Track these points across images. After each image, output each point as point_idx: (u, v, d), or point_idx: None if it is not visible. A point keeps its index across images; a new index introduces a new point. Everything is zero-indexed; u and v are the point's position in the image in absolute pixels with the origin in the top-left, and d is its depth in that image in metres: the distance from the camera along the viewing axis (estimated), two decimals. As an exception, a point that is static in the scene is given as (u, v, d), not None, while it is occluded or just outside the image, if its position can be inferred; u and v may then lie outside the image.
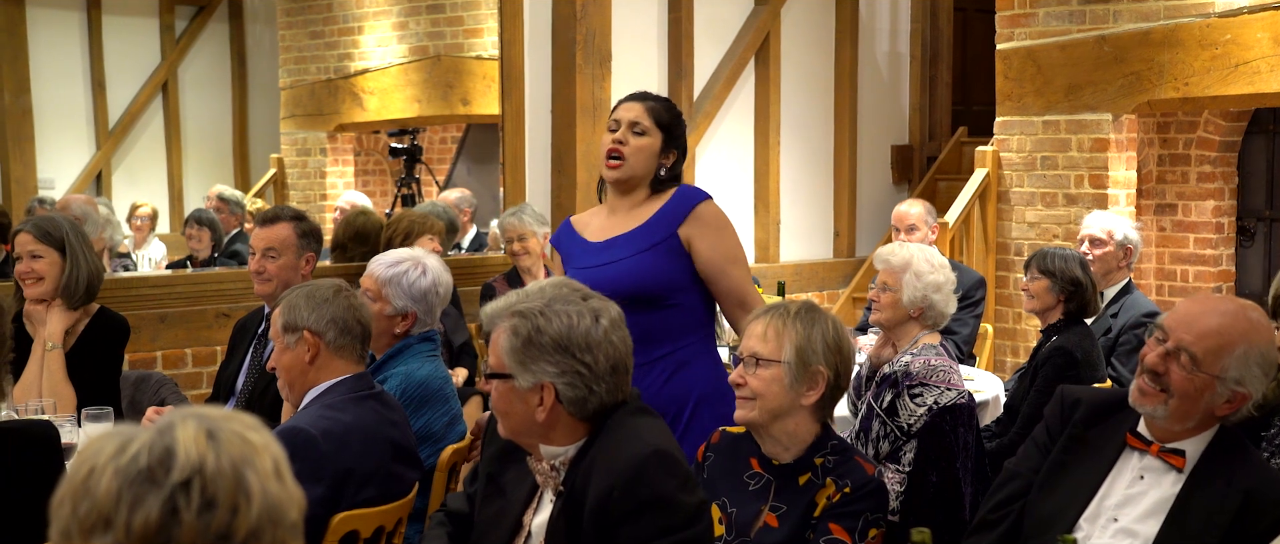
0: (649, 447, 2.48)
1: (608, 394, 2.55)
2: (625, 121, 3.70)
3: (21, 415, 3.69)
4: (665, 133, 3.71)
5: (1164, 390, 2.85)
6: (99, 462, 1.38)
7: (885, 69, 9.12)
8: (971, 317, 6.07)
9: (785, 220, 8.31)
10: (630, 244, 3.65)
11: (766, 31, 8.05)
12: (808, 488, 2.98)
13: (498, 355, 2.57)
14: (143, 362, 5.64)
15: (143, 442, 1.39)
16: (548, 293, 2.59)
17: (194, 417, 1.43)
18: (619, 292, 3.17)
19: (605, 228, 3.75)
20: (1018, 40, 7.76)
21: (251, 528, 1.38)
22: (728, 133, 7.98)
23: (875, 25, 9.00)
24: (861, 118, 8.81)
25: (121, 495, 1.36)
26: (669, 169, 3.74)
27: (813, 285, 8.41)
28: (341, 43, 9.84)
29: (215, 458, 1.39)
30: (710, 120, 7.79)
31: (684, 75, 7.56)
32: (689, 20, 7.58)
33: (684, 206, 3.66)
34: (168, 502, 1.36)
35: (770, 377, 3.00)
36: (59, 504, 1.40)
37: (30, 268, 4.23)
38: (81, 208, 7.38)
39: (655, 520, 2.42)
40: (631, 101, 3.75)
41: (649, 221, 3.67)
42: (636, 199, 3.73)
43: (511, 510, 2.68)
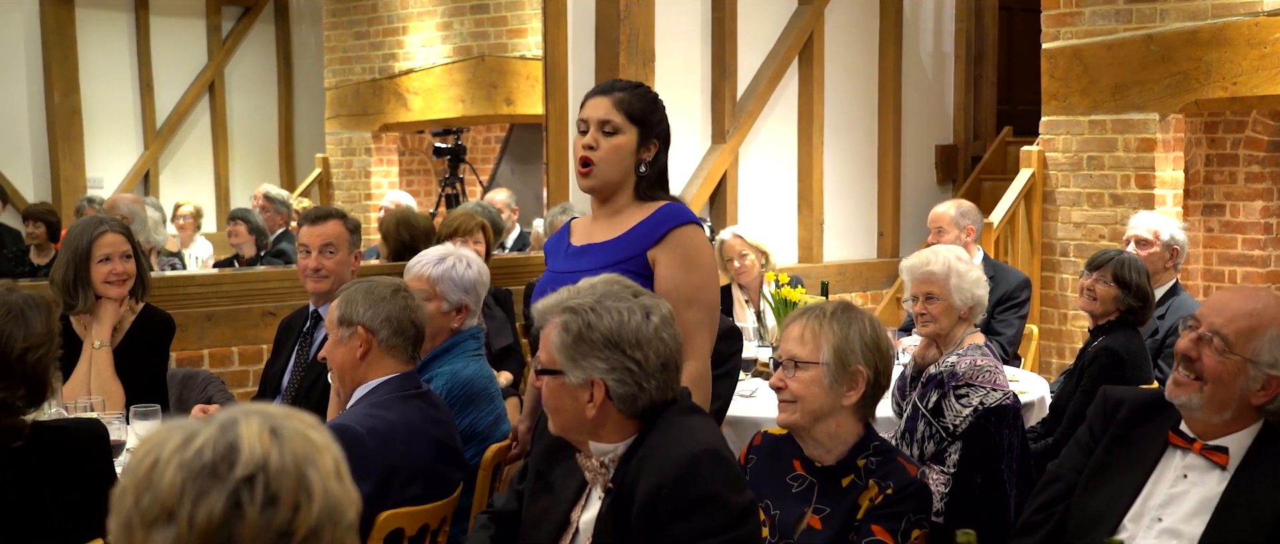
0: (699, 445, 2.48)
1: (657, 391, 2.56)
2: (594, 121, 3.40)
3: (71, 413, 3.73)
4: (640, 125, 3.40)
5: (1198, 378, 2.84)
6: (163, 455, 1.39)
7: (929, 68, 9.09)
8: (1016, 318, 6.04)
9: (828, 220, 8.29)
10: (599, 256, 3.41)
11: (810, 31, 8.03)
12: (851, 490, 2.97)
13: (548, 351, 2.58)
14: (190, 360, 5.69)
15: (207, 436, 1.40)
16: (599, 289, 2.59)
17: (257, 413, 1.44)
18: None
19: (588, 233, 3.52)
20: (1063, 39, 7.71)
21: (312, 526, 1.39)
22: (771, 133, 7.97)
23: (919, 24, 8.96)
24: (905, 117, 8.78)
25: (185, 489, 1.37)
26: (650, 163, 3.43)
27: (856, 286, 8.39)
28: (386, 43, 9.89)
29: (279, 455, 1.39)
30: (753, 120, 7.78)
31: (727, 75, 7.55)
32: (732, 20, 7.57)
33: (660, 228, 3.36)
34: (231, 497, 1.36)
35: (810, 379, 2.99)
36: (120, 496, 1.41)
37: (124, 269, 4.27)
38: (129, 207, 7.46)
39: (704, 519, 2.42)
40: (598, 96, 3.43)
41: (624, 235, 3.41)
42: (619, 204, 3.45)
43: (559, 507, 2.69)
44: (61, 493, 2.83)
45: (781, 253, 6.93)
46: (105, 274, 4.26)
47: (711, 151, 7.58)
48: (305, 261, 4.53)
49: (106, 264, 4.26)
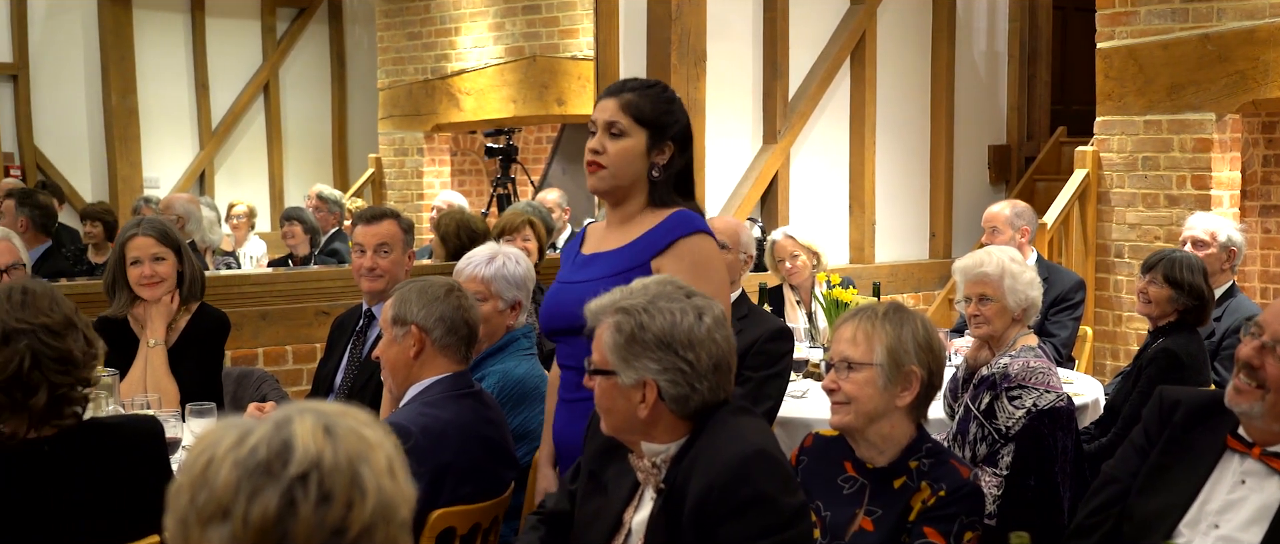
0: (751, 446, 2.48)
1: (710, 392, 2.56)
2: (601, 124, 3.22)
3: (128, 411, 3.78)
4: (649, 127, 3.20)
5: (1260, 386, 2.80)
6: (218, 452, 1.40)
7: (983, 68, 9.03)
8: (1071, 319, 5.99)
9: (880, 221, 8.26)
10: (603, 266, 3.24)
11: (862, 31, 8.00)
12: (903, 491, 2.96)
13: (601, 352, 2.58)
14: (244, 358, 5.74)
15: (261, 434, 1.41)
16: (651, 290, 2.59)
17: (311, 411, 1.45)
18: (568, 315, 3.07)
19: (600, 240, 3.34)
20: (1119, 39, 7.65)
21: (365, 524, 1.39)
22: (823, 133, 7.94)
23: (973, 24, 8.91)
24: (958, 117, 8.72)
25: (240, 486, 1.38)
26: (664, 168, 3.23)
27: (908, 287, 8.35)
28: (439, 44, 9.95)
29: (332, 453, 1.40)
30: (805, 120, 7.76)
31: (779, 75, 7.54)
32: (784, 19, 7.55)
33: (666, 237, 3.18)
34: (285, 494, 1.37)
35: (864, 380, 2.98)
36: (176, 493, 1.42)
37: (153, 271, 4.33)
38: (184, 207, 7.53)
39: (756, 520, 2.42)
40: (607, 98, 3.24)
41: (632, 242, 3.23)
42: (631, 210, 3.27)
43: (612, 507, 2.69)
44: (117, 488, 2.86)
45: (833, 253, 6.91)
46: (137, 277, 4.32)
47: (763, 152, 7.56)
48: (360, 261, 4.55)
49: (137, 267, 4.32)
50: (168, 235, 4.39)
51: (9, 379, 2.74)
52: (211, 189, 10.83)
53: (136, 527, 2.89)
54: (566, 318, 3.15)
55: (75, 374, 2.82)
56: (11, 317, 2.78)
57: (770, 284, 6.08)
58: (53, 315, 2.82)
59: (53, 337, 2.79)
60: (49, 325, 2.80)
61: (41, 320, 2.79)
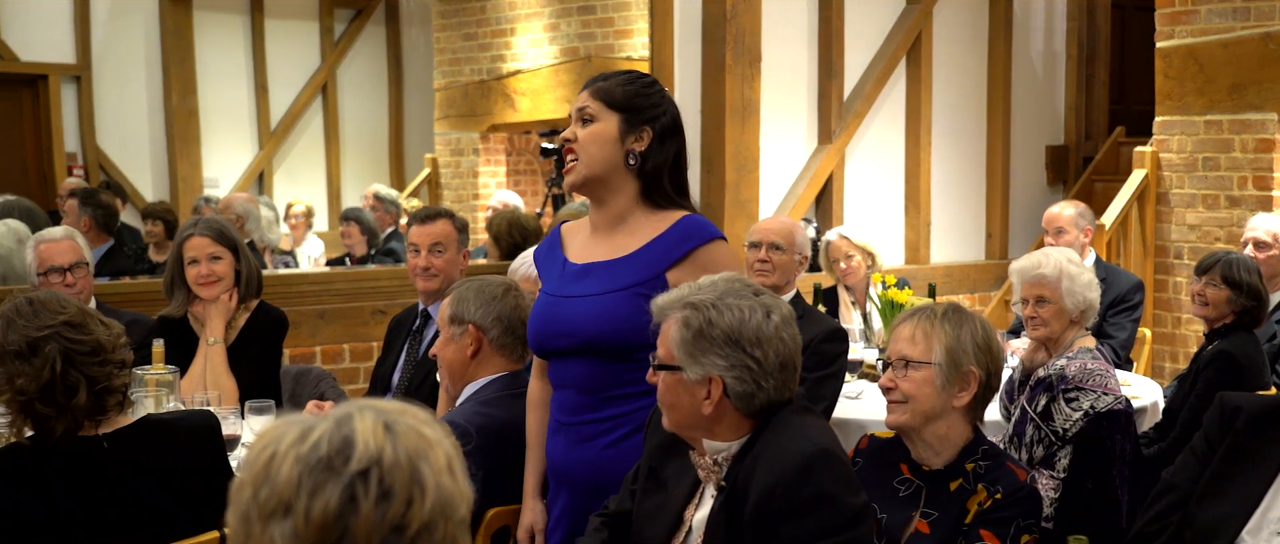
0: (815, 445, 2.47)
1: (775, 391, 2.55)
2: (574, 113, 3.07)
3: (187, 408, 3.82)
4: (622, 111, 3.01)
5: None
6: (280, 448, 1.42)
7: (1040, 68, 8.97)
8: (1129, 321, 5.94)
9: (936, 221, 8.22)
10: (609, 277, 3.02)
11: (918, 31, 7.97)
12: (959, 494, 2.94)
13: (667, 347, 2.58)
14: (302, 356, 5.79)
15: (322, 431, 1.42)
16: (720, 286, 2.59)
17: (371, 409, 1.46)
18: (575, 334, 2.97)
19: (588, 247, 3.11)
20: (1178, 38, 7.57)
21: (424, 521, 1.40)
22: (878, 133, 7.92)
23: (1030, 23, 8.85)
24: (1015, 117, 8.67)
25: (301, 482, 1.39)
26: (643, 155, 3.02)
27: (964, 287, 8.31)
28: (494, 44, 9.99)
29: (392, 450, 1.41)
30: (860, 121, 7.74)
31: (834, 75, 7.52)
32: (839, 20, 7.54)
33: (682, 246, 2.99)
34: (346, 490, 1.39)
35: (922, 379, 2.97)
36: (239, 489, 1.43)
37: (210, 270, 4.38)
38: (243, 206, 7.61)
39: (818, 519, 2.41)
40: (583, 90, 3.08)
41: (637, 253, 3.02)
42: (620, 209, 3.06)
43: (672, 505, 2.69)
44: (175, 483, 2.90)
45: (888, 254, 6.88)
46: (194, 276, 4.37)
47: (817, 152, 7.55)
48: (415, 261, 4.58)
49: (194, 267, 4.37)
50: (224, 235, 4.44)
51: (47, 385, 2.78)
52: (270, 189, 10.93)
53: (195, 522, 2.93)
54: (565, 335, 3.01)
55: (109, 360, 2.85)
56: (30, 327, 2.80)
57: (825, 285, 6.07)
58: (67, 311, 2.85)
59: (76, 330, 2.82)
60: (68, 321, 2.83)
61: (60, 319, 2.82)
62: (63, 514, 2.80)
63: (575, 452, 3.06)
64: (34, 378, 2.77)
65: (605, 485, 2.96)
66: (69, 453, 2.83)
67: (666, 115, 3.06)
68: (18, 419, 2.83)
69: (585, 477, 3.05)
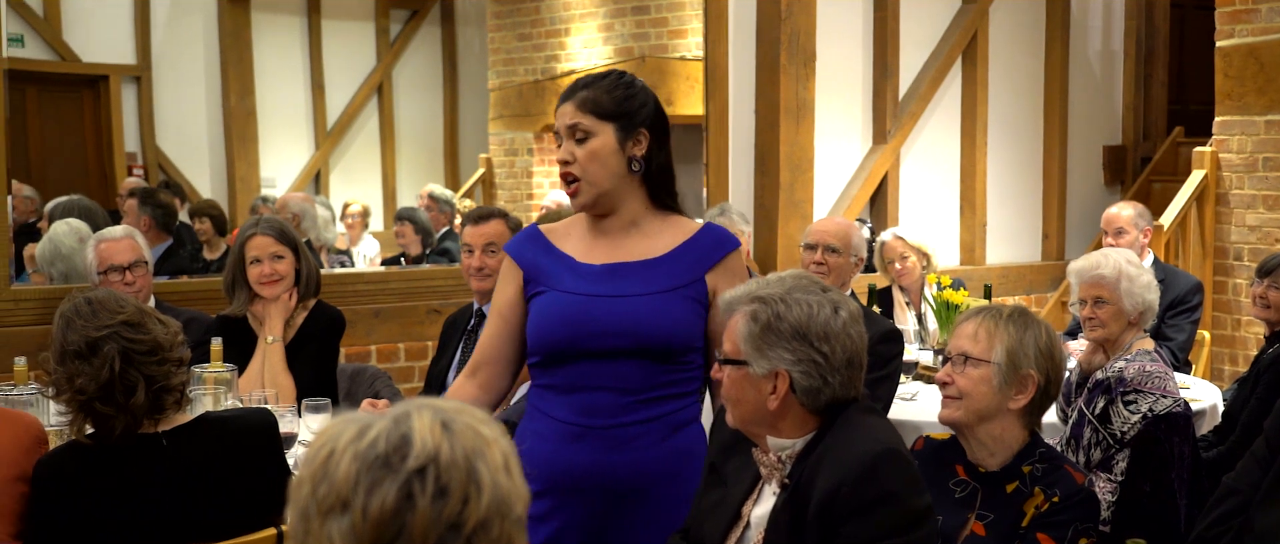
0: (882, 444, 2.46)
1: (841, 388, 2.54)
2: (564, 131, 2.94)
3: (245, 405, 3.86)
4: (615, 119, 2.91)
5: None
6: (339, 445, 1.43)
7: (1097, 67, 8.89)
8: (1188, 323, 5.88)
9: (992, 222, 8.17)
10: (646, 278, 2.94)
11: (974, 30, 7.92)
12: (1015, 496, 2.93)
13: (733, 341, 2.57)
14: (358, 355, 5.83)
15: (381, 428, 1.43)
16: (788, 281, 2.59)
17: (429, 407, 1.47)
18: (632, 333, 2.88)
19: (597, 249, 3.00)
20: (1239, 37, 7.48)
21: (481, 519, 1.41)
22: (933, 133, 7.87)
23: (1087, 22, 8.78)
24: (1072, 117, 8.60)
25: (359, 479, 1.40)
26: (645, 158, 2.93)
27: (1020, 288, 8.25)
28: (548, 45, 10.02)
29: (449, 448, 1.42)
30: (915, 120, 7.70)
31: (889, 75, 7.49)
32: (895, 19, 7.50)
33: (717, 251, 2.98)
34: (403, 487, 1.40)
35: (979, 376, 2.96)
36: (298, 486, 1.45)
37: (272, 269, 4.42)
38: (299, 205, 7.67)
39: (882, 519, 2.40)
40: (565, 103, 2.95)
41: (671, 255, 2.97)
42: (632, 213, 2.98)
43: (731, 501, 2.69)
44: (233, 480, 2.92)
45: (943, 255, 6.85)
46: (257, 276, 4.41)
47: (872, 152, 7.52)
48: (469, 261, 4.60)
49: (256, 266, 4.41)
50: (286, 234, 4.48)
51: (105, 385, 2.81)
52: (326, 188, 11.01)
53: (253, 518, 2.96)
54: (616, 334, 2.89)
55: (167, 359, 2.88)
56: (89, 327, 2.84)
57: (879, 285, 6.04)
58: (125, 310, 2.88)
59: (134, 330, 2.85)
60: (127, 320, 2.86)
61: (118, 319, 2.85)
62: (123, 511, 2.84)
63: (611, 456, 2.92)
64: (93, 377, 2.81)
65: (647, 486, 2.92)
66: (128, 450, 2.87)
67: (652, 109, 2.95)
68: (77, 418, 2.87)
69: (627, 479, 2.94)
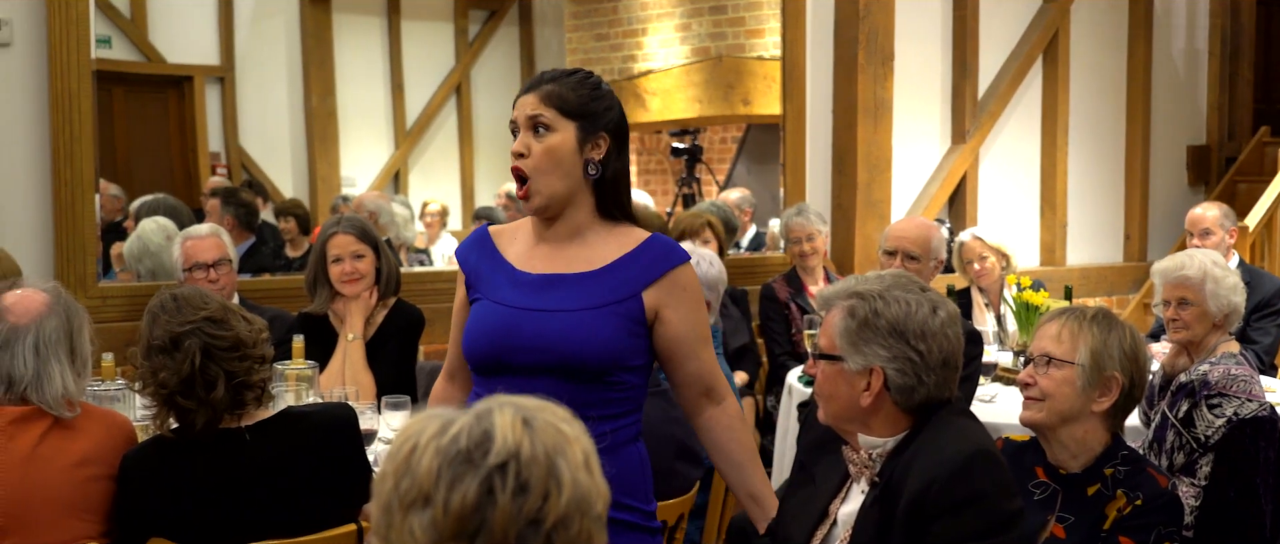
0: (974, 445, 2.45)
1: (935, 387, 2.53)
2: (522, 121, 2.75)
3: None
4: (578, 119, 2.73)
5: None
6: (422, 440, 1.45)
7: (1181, 66, 8.77)
8: (1274, 326, 5.79)
9: (1073, 223, 8.08)
10: (578, 292, 2.75)
11: (1055, 29, 7.84)
12: (1097, 499, 2.90)
13: (829, 336, 2.58)
14: (437, 353, 5.86)
15: (463, 424, 1.45)
16: (887, 279, 2.59)
17: (510, 404, 1.48)
18: (553, 350, 2.70)
19: (536, 257, 2.82)
20: (1328, 35, 7.35)
21: (561, 515, 1.43)
22: (1013, 133, 7.80)
23: (1171, 21, 8.66)
24: (1155, 117, 8.49)
25: (441, 474, 1.42)
26: (601, 164, 2.76)
27: (1101, 290, 8.15)
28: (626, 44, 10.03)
29: (530, 444, 1.44)
30: (995, 120, 7.64)
31: (968, 74, 7.43)
32: (974, 18, 7.44)
33: (658, 266, 2.77)
34: (484, 483, 1.41)
35: (1062, 378, 2.94)
36: (381, 480, 1.47)
37: (354, 268, 4.47)
38: (375, 204, 7.75)
39: (972, 520, 2.39)
40: (527, 94, 2.76)
41: (608, 268, 2.77)
42: (577, 221, 2.80)
43: (819, 499, 2.69)
44: (314, 474, 2.96)
45: (1023, 255, 6.79)
46: (338, 274, 4.46)
47: (951, 152, 7.47)
48: (546, 260, 4.63)
49: (338, 265, 4.46)
50: (367, 233, 4.53)
51: (186, 379, 2.86)
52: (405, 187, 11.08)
53: (334, 513, 2.99)
54: (537, 350, 2.73)
55: (248, 356, 2.92)
56: (173, 323, 2.89)
57: (958, 286, 6.00)
58: (209, 307, 2.93)
59: (217, 326, 2.90)
60: (210, 317, 2.91)
61: (201, 315, 2.90)
62: (206, 504, 2.88)
63: None
64: (175, 372, 2.86)
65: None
66: (211, 444, 2.91)
67: (616, 115, 2.80)
68: (161, 411, 2.93)
69: None
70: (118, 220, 7.13)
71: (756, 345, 6.04)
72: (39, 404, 2.92)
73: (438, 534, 1.41)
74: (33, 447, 2.88)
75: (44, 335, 2.94)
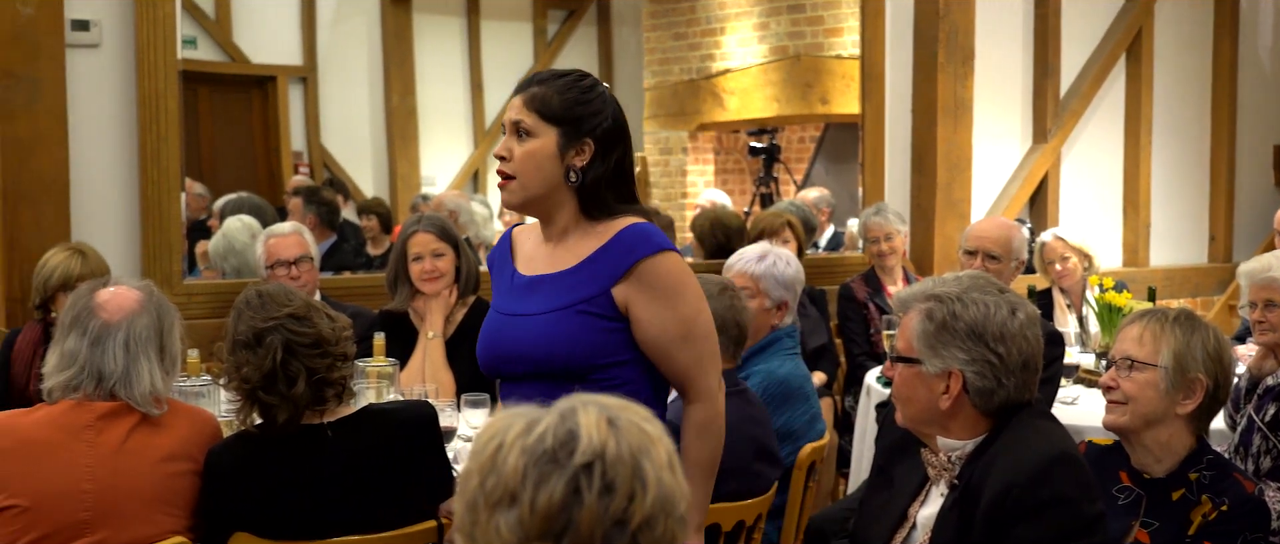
0: (1056, 448, 2.44)
1: (1015, 390, 2.52)
2: (508, 125, 2.74)
3: (406, 399, 3.95)
4: (561, 124, 2.68)
5: None
6: (507, 439, 1.46)
7: (1268, 63, 8.62)
8: (1364, 329, 5.67)
9: (1156, 223, 7.97)
10: (552, 293, 2.72)
11: (1138, 27, 7.74)
12: (1182, 504, 2.86)
13: (907, 339, 2.57)
14: (515, 351, 5.90)
15: (548, 423, 1.46)
16: (965, 281, 2.58)
17: (594, 404, 1.49)
18: (526, 356, 2.70)
19: (537, 258, 2.81)
20: None
21: (646, 516, 1.43)
22: (1095, 132, 7.71)
23: (1257, 18, 8.51)
24: (1241, 116, 8.35)
25: (527, 473, 1.43)
26: (584, 170, 2.70)
27: (1185, 291, 8.04)
28: (704, 44, 10.03)
29: (615, 444, 1.44)
30: (1077, 119, 7.55)
31: (1050, 73, 7.35)
32: (1056, 16, 7.37)
33: (625, 260, 2.68)
34: (571, 482, 1.42)
35: (1145, 381, 2.90)
36: (466, 477, 1.48)
37: (434, 266, 4.51)
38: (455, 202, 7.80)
39: (1053, 523, 2.37)
40: (516, 95, 2.73)
41: (580, 266, 2.71)
42: (563, 223, 2.75)
43: (898, 502, 2.68)
44: (395, 471, 2.99)
45: (1105, 256, 6.71)
46: (418, 272, 4.50)
47: (1032, 152, 7.40)
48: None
49: (418, 263, 4.50)
50: (447, 232, 4.57)
51: (268, 375, 2.90)
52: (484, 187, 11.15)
53: (414, 509, 3.02)
54: (516, 359, 2.73)
55: (330, 353, 2.96)
56: (257, 318, 2.93)
57: (1039, 287, 5.94)
58: (292, 304, 2.97)
59: (299, 323, 2.94)
60: (293, 314, 2.94)
61: (284, 311, 2.94)
62: (288, 499, 2.92)
63: None
64: (257, 367, 2.90)
65: None
66: (294, 440, 2.95)
67: (608, 121, 2.72)
68: (245, 406, 2.97)
69: None
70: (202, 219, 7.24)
71: (835, 346, 6.02)
72: (127, 400, 2.96)
73: (524, 533, 1.42)
74: (121, 442, 2.93)
75: (134, 333, 2.98)
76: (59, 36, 5.02)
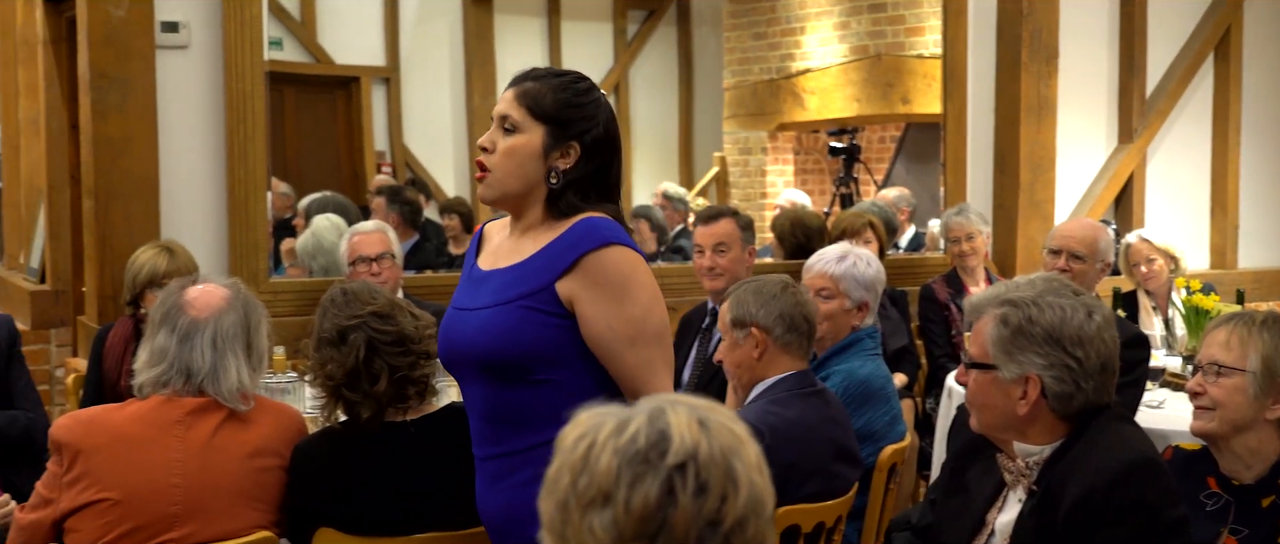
0: (1136, 453, 2.41)
1: (1094, 394, 2.49)
2: (495, 117, 2.66)
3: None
4: (549, 124, 2.60)
5: None
6: (598, 439, 1.45)
7: (1362, 63, 8.45)
8: None
9: (1245, 225, 7.84)
10: (498, 287, 2.63)
11: (1227, 25, 7.61)
12: (1272, 511, 2.82)
13: (981, 345, 2.54)
14: (594, 350, 5.92)
15: (639, 423, 1.45)
16: (1038, 285, 2.55)
17: (684, 404, 1.48)
18: (468, 353, 2.63)
19: (499, 252, 2.73)
20: None
21: (738, 517, 1.42)
22: (1182, 132, 7.60)
23: (1351, 16, 8.35)
24: (1334, 116, 8.19)
25: (620, 473, 1.42)
26: (567, 173, 2.61)
27: (1275, 295, 7.90)
28: (784, 43, 10.00)
29: (707, 445, 1.44)
30: (1164, 119, 7.45)
31: (1136, 72, 7.26)
32: (1142, 15, 7.27)
33: (569, 255, 2.56)
34: (665, 483, 1.41)
35: (1233, 386, 2.86)
36: (556, 477, 1.47)
37: None
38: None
39: (1135, 528, 2.34)
40: (508, 89, 2.68)
41: (530, 259, 2.62)
42: (530, 220, 2.66)
43: (974, 507, 2.66)
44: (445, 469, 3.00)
45: (1192, 258, 6.61)
46: None
47: (1117, 152, 7.30)
48: (700, 261, 4.65)
49: None
50: None
51: (351, 372, 2.94)
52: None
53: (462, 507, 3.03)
54: (459, 356, 2.67)
55: (413, 351, 2.98)
56: (341, 316, 2.97)
57: (1124, 289, 5.87)
58: (376, 302, 3.00)
59: (383, 321, 2.97)
60: (376, 312, 2.98)
61: (368, 309, 2.97)
62: (372, 496, 2.95)
63: (491, 494, 2.69)
64: (340, 364, 2.94)
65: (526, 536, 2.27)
66: (378, 437, 2.98)
67: (598, 128, 2.64)
68: (330, 403, 3.01)
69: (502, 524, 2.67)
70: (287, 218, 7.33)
71: (916, 347, 5.98)
72: (215, 396, 3.01)
73: (619, 533, 1.42)
74: (209, 437, 2.97)
75: (222, 330, 3.02)
76: (149, 38, 5.11)
